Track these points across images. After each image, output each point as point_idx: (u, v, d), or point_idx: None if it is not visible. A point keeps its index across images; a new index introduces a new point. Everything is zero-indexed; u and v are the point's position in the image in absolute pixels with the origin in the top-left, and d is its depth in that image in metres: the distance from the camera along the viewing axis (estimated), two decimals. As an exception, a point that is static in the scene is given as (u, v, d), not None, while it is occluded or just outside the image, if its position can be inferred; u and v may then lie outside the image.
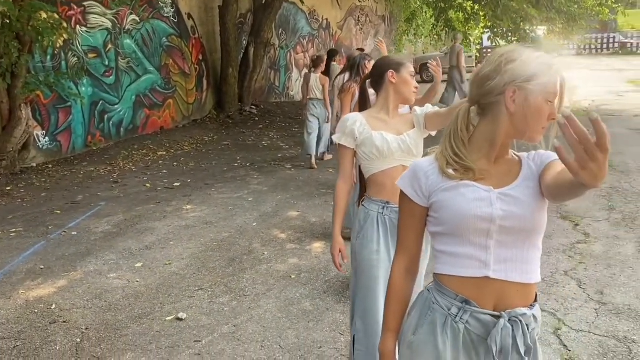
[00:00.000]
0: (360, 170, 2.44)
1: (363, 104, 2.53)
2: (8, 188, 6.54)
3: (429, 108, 2.38)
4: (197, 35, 10.86)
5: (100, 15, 8.51)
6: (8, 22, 6.44)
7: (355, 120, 2.34)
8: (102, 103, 8.63)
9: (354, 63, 4.44)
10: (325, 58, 8.28)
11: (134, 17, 9.19)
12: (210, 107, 11.38)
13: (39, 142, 7.63)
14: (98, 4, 8.41)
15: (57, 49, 7.71)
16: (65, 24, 7.55)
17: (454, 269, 1.41)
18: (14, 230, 5.14)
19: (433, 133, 2.40)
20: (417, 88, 2.41)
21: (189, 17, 10.60)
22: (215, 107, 11.43)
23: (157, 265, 4.28)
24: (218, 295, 3.74)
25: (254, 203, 5.92)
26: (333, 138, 2.43)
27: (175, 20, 10.18)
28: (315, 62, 7.88)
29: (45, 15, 6.88)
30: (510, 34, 13.17)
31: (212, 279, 4.00)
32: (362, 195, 2.50)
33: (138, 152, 8.51)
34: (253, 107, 12.11)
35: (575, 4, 12.35)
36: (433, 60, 3.01)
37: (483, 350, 1.39)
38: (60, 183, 6.85)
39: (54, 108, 7.81)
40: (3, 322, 3.44)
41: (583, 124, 1.03)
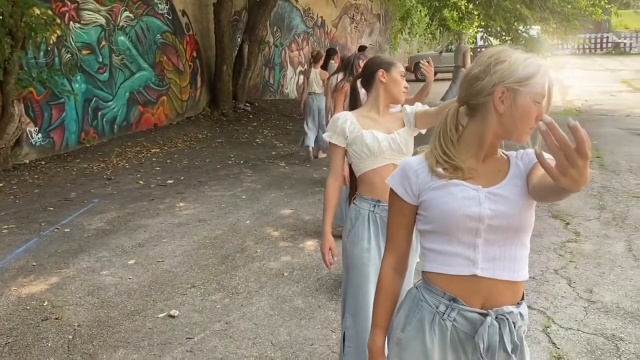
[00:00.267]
0: (351, 169, 2.46)
1: (354, 103, 2.55)
2: (0, 184, 6.52)
3: (419, 107, 2.40)
4: (191, 32, 10.85)
5: (94, 12, 8.48)
6: (1, 18, 6.42)
7: (346, 119, 2.35)
8: (95, 100, 8.61)
9: (348, 63, 4.45)
10: (324, 55, 8.39)
11: (128, 13, 9.17)
12: (204, 104, 11.37)
13: (32, 138, 7.61)
14: (92, 1, 8.39)
15: (50, 45, 7.68)
16: (59, 20, 7.54)
17: (442, 267, 1.43)
18: (6, 227, 5.13)
19: (423, 131, 2.42)
20: (407, 88, 2.43)
21: (183, 14, 10.58)
22: (209, 104, 11.43)
23: (149, 263, 4.28)
24: (210, 293, 3.75)
25: (247, 201, 5.93)
26: (324, 137, 2.44)
27: (170, 17, 10.16)
28: (315, 57, 8.08)
29: (39, 11, 6.87)
30: (504, 34, 13.20)
31: (204, 277, 4.01)
32: (352, 194, 2.52)
33: (131, 149, 8.50)
34: (247, 104, 12.11)
35: (569, 4, 12.39)
36: (425, 60, 3.02)
37: (470, 348, 1.41)
38: (53, 180, 6.84)
39: (47, 104, 7.79)
40: (-5, 318, 3.45)
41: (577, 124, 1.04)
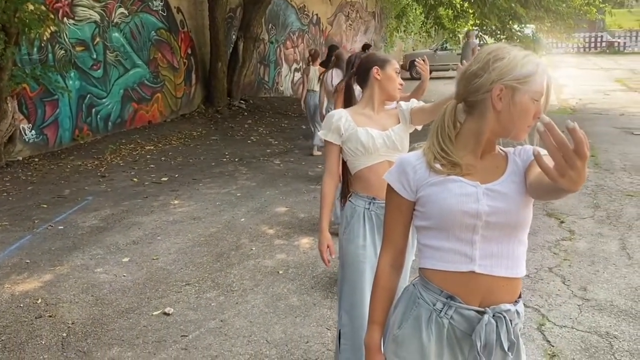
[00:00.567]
0: (345, 166, 2.45)
1: (348, 101, 2.54)
2: (-7, 181, 6.48)
3: (415, 103, 2.39)
4: (186, 29, 10.81)
5: (88, 8, 8.43)
6: (-6, 13, 6.37)
7: (341, 117, 2.35)
8: (89, 96, 8.56)
9: (349, 62, 4.43)
10: (326, 51, 8.50)
11: (123, 10, 9.12)
12: (199, 101, 11.33)
13: (25, 135, 7.56)
14: (86, -3, 8.34)
15: (44, 42, 7.63)
16: (53, 16, 7.49)
17: (440, 264, 1.42)
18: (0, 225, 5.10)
19: (419, 127, 2.42)
20: (401, 85, 2.43)
21: (178, 10, 10.54)
22: (204, 101, 11.39)
23: (144, 260, 4.27)
24: (205, 291, 3.74)
25: (242, 198, 5.91)
26: (319, 134, 2.44)
27: (164, 14, 10.12)
28: (313, 55, 8.26)
29: (32, 7, 6.82)
30: (499, 32, 13.23)
31: (199, 274, 4.00)
32: (344, 192, 2.51)
33: (126, 146, 8.46)
34: (242, 102, 12.08)
35: (563, 3, 12.43)
36: (420, 59, 3.02)
37: (467, 346, 1.41)
38: (47, 177, 6.80)
39: (41, 101, 7.74)
40: (-12, 316, 3.42)
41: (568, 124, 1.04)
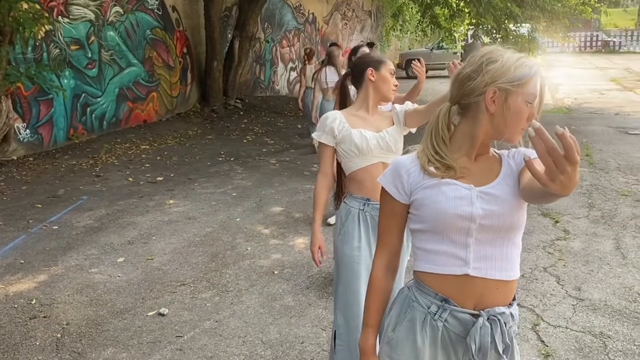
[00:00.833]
0: (340, 168, 2.45)
1: (343, 101, 2.54)
2: (-13, 181, 6.45)
3: (409, 105, 2.39)
4: (181, 28, 10.78)
5: (83, 7, 8.40)
6: (-12, 12, 6.34)
7: (335, 118, 2.35)
8: (84, 95, 8.53)
9: (355, 52, 4.50)
10: (315, 50, 8.54)
11: (118, 8, 9.09)
12: (195, 100, 11.31)
13: (20, 134, 7.53)
14: (80, -5, 8.31)
15: (38, 41, 7.60)
16: (47, 15, 7.45)
17: (434, 267, 1.42)
18: (-6, 224, 5.08)
19: (413, 130, 2.42)
20: (396, 86, 2.43)
21: (174, 9, 10.51)
22: (200, 100, 11.37)
23: (139, 260, 4.26)
24: (200, 291, 3.73)
25: (238, 198, 5.91)
26: (313, 136, 2.43)
27: (160, 13, 10.09)
28: (309, 54, 8.26)
29: (26, 6, 6.78)
30: (494, 31, 13.26)
31: (194, 274, 4.00)
32: (338, 193, 2.51)
33: (121, 145, 8.44)
34: (238, 101, 12.06)
35: (559, 3, 12.46)
36: (416, 60, 3.03)
37: (461, 349, 1.41)
38: (42, 176, 6.77)
39: (35, 100, 7.71)
40: (-18, 317, 3.41)
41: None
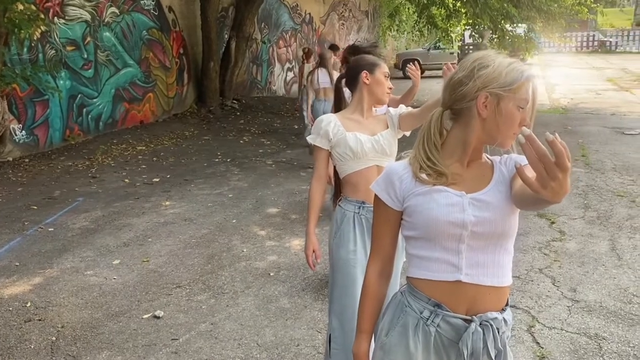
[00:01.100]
0: (336, 171, 2.45)
1: (338, 104, 2.54)
2: (-17, 182, 6.43)
3: (403, 108, 2.40)
4: (178, 29, 10.77)
5: (79, 7, 8.39)
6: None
7: (330, 122, 2.35)
8: (80, 96, 8.52)
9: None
10: (313, 50, 8.61)
11: (114, 9, 9.08)
12: (191, 101, 11.31)
13: (15, 136, 7.51)
14: (76, -4, 8.29)
15: (34, 42, 7.58)
16: (43, 16, 7.44)
17: (427, 273, 1.42)
18: (-11, 226, 5.06)
19: (407, 133, 2.43)
20: (390, 89, 2.43)
21: (170, 10, 10.50)
22: (196, 101, 11.36)
23: (134, 263, 4.25)
24: (196, 293, 3.73)
25: (234, 199, 5.90)
26: (308, 139, 2.43)
27: (156, 13, 10.08)
28: (307, 53, 8.37)
29: (22, 7, 6.76)
30: (491, 32, 13.28)
31: (190, 277, 3.99)
32: (337, 196, 2.51)
33: (117, 146, 8.43)
34: (234, 101, 12.05)
35: (555, 3, 12.49)
36: (412, 64, 3.04)
37: (453, 354, 1.41)
38: (37, 178, 6.76)
39: (31, 101, 7.69)
40: (-24, 320, 3.40)
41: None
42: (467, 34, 17.48)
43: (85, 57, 8.58)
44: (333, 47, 9.12)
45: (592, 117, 10.87)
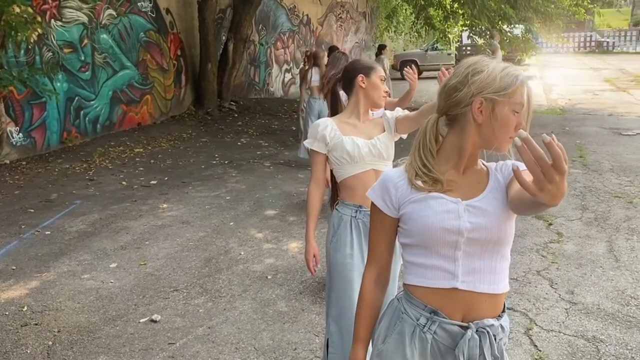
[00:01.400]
0: (333, 175, 2.45)
1: (334, 107, 2.54)
2: (-20, 186, 6.42)
3: (399, 112, 2.39)
4: (175, 31, 10.76)
5: (76, 10, 8.37)
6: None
7: (326, 126, 2.35)
8: (77, 99, 8.50)
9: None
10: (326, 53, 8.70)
11: (111, 11, 9.06)
12: (189, 103, 11.29)
13: (13, 138, 7.50)
14: (73, -2, 8.28)
15: (31, 44, 7.57)
16: (40, 19, 7.43)
17: (423, 280, 1.42)
18: (-14, 230, 5.05)
19: (404, 136, 2.42)
20: (387, 92, 2.43)
21: (167, 12, 10.49)
22: (194, 103, 11.35)
23: (131, 266, 4.24)
24: (193, 297, 3.72)
25: (232, 202, 5.89)
26: (304, 143, 2.43)
27: (153, 15, 10.07)
28: (309, 57, 8.38)
29: (19, 10, 6.75)
30: (488, 33, 13.30)
31: (187, 280, 3.98)
32: (334, 199, 2.51)
33: (114, 149, 8.41)
34: (232, 103, 12.04)
35: (552, 4, 12.50)
36: (409, 67, 3.03)
37: (450, 360, 1.41)
38: (34, 181, 6.74)
39: (28, 104, 7.67)
40: (-28, 325, 3.39)
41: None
42: (464, 35, 17.47)
43: (83, 59, 8.56)
44: (332, 48, 9.16)
45: (589, 117, 10.87)
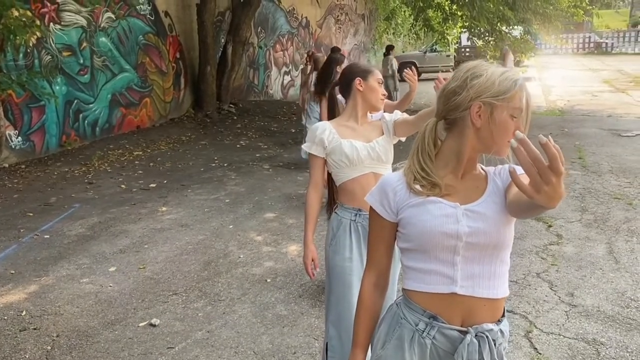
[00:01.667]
0: (331, 178, 2.44)
1: (332, 111, 2.53)
2: (-21, 189, 6.41)
3: (398, 115, 2.39)
4: (174, 33, 10.76)
5: (75, 13, 8.37)
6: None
7: (325, 129, 2.34)
8: (76, 102, 8.50)
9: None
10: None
11: (110, 14, 9.06)
12: (188, 105, 11.29)
13: (12, 142, 7.49)
14: (72, 2, 8.27)
15: (29, 47, 7.57)
16: (38, 22, 7.42)
17: (422, 285, 1.41)
18: (-16, 234, 5.04)
19: (403, 138, 2.42)
20: (384, 95, 2.42)
21: (166, 14, 10.49)
22: (193, 105, 11.35)
23: (130, 270, 4.23)
24: (192, 300, 3.71)
25: (231, 204, 5.89)
26: (303, 147, 2.43)
27: (152, 18, 10.07)
28: (310, 57, 8.49)
29: (17, 13, 6.74)
30: (487, 34, 13.32)
31: (186, 283, 3.97)
32: (330, 203, 2.51)
33: (114, 152, 8.41)
34: (231, 105, 12.04)
35: (551, 5, 12.52)
36: (409, 68, 3.02)
37: (449, 366, 1.40)
38: (33, 184, 6.74)
39: (27, 107, 7.67)
40: (-29, 329, 3.38)
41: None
42: (464, 37, 17.47)
43: (82, 62, 8.56)
44: (334, 49, 9.18)
45: (588, 119, 10.88)
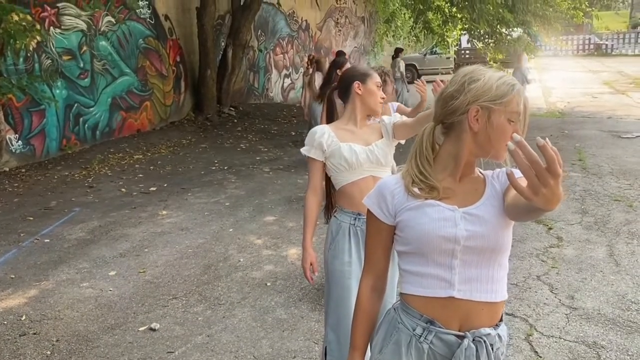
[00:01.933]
0: (328, 182, 2.44)
1: (331, 114, 2.53)
2: (-21, 194, 6.41)
3: (397, 117, 2.39)
4: (174, 37, 10.77)
5: (75, 17, 8.39)
6: (-22, 24, 6.32)
7: (323, 133, 2.34)
8: (77, 106, 8.51)
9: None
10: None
11: (110, 18, 9.08)
12: (188, 109, 11.29)
13: (12, 146, 7.50)
14: (72, 6, 8.29)
15: (30, 51, 7.58)
16: (38, 26, 7.44)
17: (419, 289, 1.41)
18: (-15, 238, 5.04)
19: (402, 141, 2.42)
20: (383, 98, 2.42)
21: (166, 18, 10.50)
22: (193, 109, 11.35)
23: (130, 274, 4.23)
24: (192, 304, 3.71)
25: (231, 208, 5.88)
26: (302, 150, 2.43)
27: (152, 22, 10.08)
28: (311, 61, 8.56)
29: (17, 18, 6.75)
30: (487, 36, 13.33)
31: (186, 287, 3.97)
32: (328, 207, 2.50)
33: (114, 155, 8.41)
34: (232, 109, 12.04)
35: (550, 7, 12.53)
36: (420, 81, 3.12)
37: (447, 370, 1.40)
38: (34, 188, 6.74)
39: (27, 111, 7.68)
40: (-29, 334, 3.37)
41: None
42: (464, 39, 17.48)
43: (82, 66, 8.57)
44: (339, 53, 9.19)
45: (588, 120, 10.87)
